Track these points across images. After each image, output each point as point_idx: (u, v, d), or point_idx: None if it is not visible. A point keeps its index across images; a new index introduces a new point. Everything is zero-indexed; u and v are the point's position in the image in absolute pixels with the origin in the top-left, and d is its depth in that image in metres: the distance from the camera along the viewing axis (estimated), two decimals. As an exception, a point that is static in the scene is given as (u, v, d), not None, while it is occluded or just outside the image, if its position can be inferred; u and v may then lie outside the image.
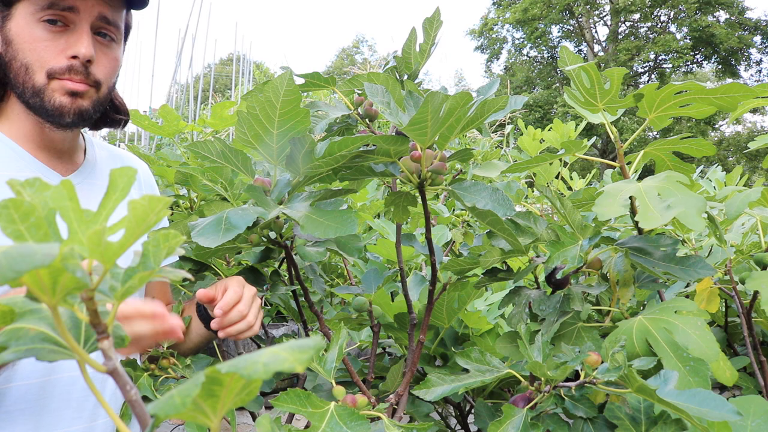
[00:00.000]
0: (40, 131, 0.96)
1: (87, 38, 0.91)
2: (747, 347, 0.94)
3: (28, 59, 0.90)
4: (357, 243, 0.93)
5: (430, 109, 0.70)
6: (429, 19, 1.02)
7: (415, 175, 0.83)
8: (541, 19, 23.63)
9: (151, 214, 0.32)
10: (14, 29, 0.90)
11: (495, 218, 0.77)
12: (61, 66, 0.90)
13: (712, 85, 0.83)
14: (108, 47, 0.96)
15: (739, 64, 22.84)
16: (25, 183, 0.33)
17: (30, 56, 0.90)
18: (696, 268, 0.79)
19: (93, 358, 0.35)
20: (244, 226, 0.75)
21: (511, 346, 0.92)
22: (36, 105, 0.91)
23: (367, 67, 9.65)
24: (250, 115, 0.82)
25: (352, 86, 1.04)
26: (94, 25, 0.93)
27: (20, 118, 0.95)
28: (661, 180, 0.77)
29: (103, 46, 0.95)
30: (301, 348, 0.27)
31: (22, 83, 0.91)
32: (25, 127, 0.95)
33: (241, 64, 11.16)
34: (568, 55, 0.89)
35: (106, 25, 0.94)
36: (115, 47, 0.97)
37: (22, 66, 0.90)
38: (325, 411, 0.64)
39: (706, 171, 2.02)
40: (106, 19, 0.93)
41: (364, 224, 1.85)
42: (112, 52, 0.97)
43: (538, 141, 2.07)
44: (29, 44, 0.89)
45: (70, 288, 0.31)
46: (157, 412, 0.27)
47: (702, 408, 0.60)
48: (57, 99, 0.91)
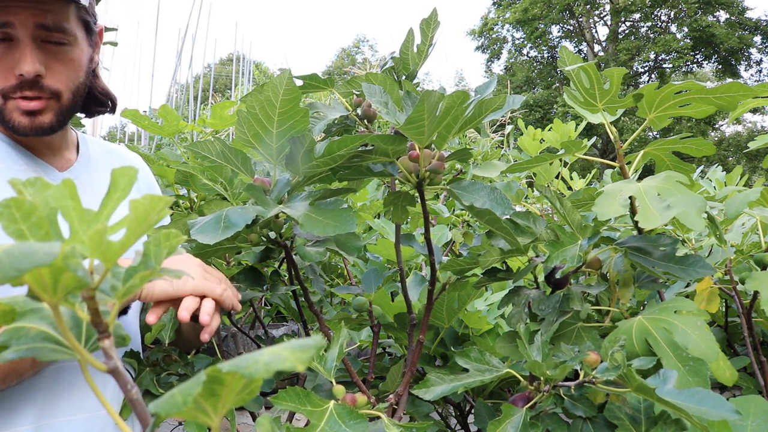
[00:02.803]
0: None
1: (29, 53, 0.85)
2: (747, 347, 0.94)
3: None
4: (357, 242, 0.93)
5: (426, 108, 0.70)
6: (426, 19, 1.02)
7: (413, 175, 0.83)
8: (541, 19, 23.63)
9: (153, 214, 0.33)
10: None
11: (493, 217, 0.77)
12: (11, 85, 0.86)
13: (712, 85, 0.83)
14: (61, 52, 0.90)
15: (739, 64, 22.85)
16: (26, 182, 0.33)
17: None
18: (696, 267, 0.79)
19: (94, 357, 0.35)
20: (243, 224, 0.75)
21: (510, 345, 0.92)
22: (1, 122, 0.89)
23: (368, 66, 9.65)
24: (249, 114, 0.82)
25: (351, 88, 1.04)
26: (36, 35, 0.86)
27: None
28: (661, 180, 0.77)
29: (55, 53, 0.89)
30: (302, 347, 0.27)
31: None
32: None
33: (241, 64, 11.17)
34: (568, 55, 0.89)
35: (48, 33, 0.87)
36: (69, 50, 0.91)
37: None
38: (325, 409, 0.64)
39: (706, 171, 2.02)
40: (45, 26, 0.87)
41: (364, 224, 1.85)
42: (68, 55, 0.91)
43: (538, 141, 2.07)
44: None
45: (72, 287, 0.31)
46: (159, 411, 0.27)
47: (701, 407, 0.60)
48: (16, 119, 0.88)
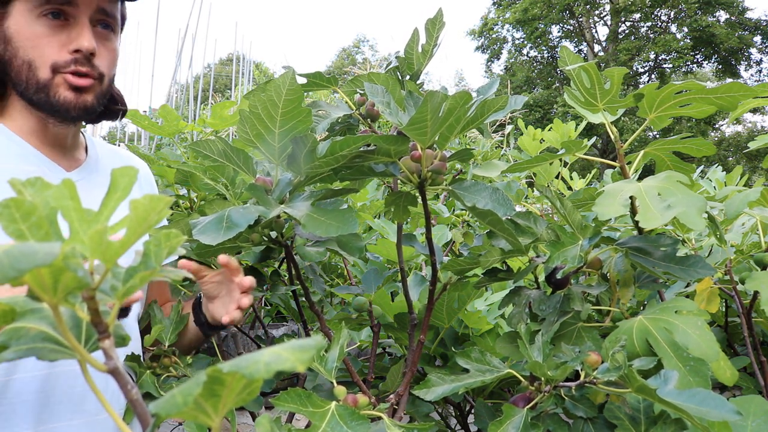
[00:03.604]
0: (43, 127, 0.96)
1: (88, 31, 0.91)
2: (747, 347, 0.94)
3: (31, 56, 0.90)
4: (358, 242, 0.93)
5: (430, 109, 0.70)
6: (432, 20, 1.02)
7: (415, 175, 0.83)
8: (541, 19, 23.63)
9: (153, 214, 0.32)
10: (13, 27, 0.90)
11: (495, 218, 0.77)
12: (65, 60, 0.90)
13: (712, 85, 0.83)
14: (108, 39, 0.96)
15: (740, 64, 22.84)
16: (26, 182, 0.33)
17: (32, 53, 0.90)
18: (696, 267, 0.79)
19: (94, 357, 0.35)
20: (246, 224, 0.75)
21: (511, 346, 0.92)
22: (41, 101, 0.92)
23: (368, 66, 9.65)
24: (252, 113, 0.82)
25: (354, 87, 1.04)
26: (93, 18, 0.93)
27: (23, 115, 0.95)
28: (661, 180, 0.77)
29: (103, 38, 0.95)
30: (303, 347, 0.27)
31: (25, 80, 0.91)
32: (28, 123, 0.95)
33: (241, 64, 11.17)
34: (568, 55, 0.89)
35: (105, 17, 0.94)
36: (113, 38, 0.98)
37: (24, 63, 0.90)
38: (326, 410, 0.64)
39: (706, 171, 2.02)
40: (104, 11, 0.94)
41: (365, 224, 1.85)
42: (111, 43, 0.97)
43: (538, 141, 2.07)
44: (30, 41, 0.90)
45: (72, 287, 0.31)
46: (159, 411, 0.27)
47: (702, 407, 0.60)
48: (62, 94, 0.91)
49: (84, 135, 1.08)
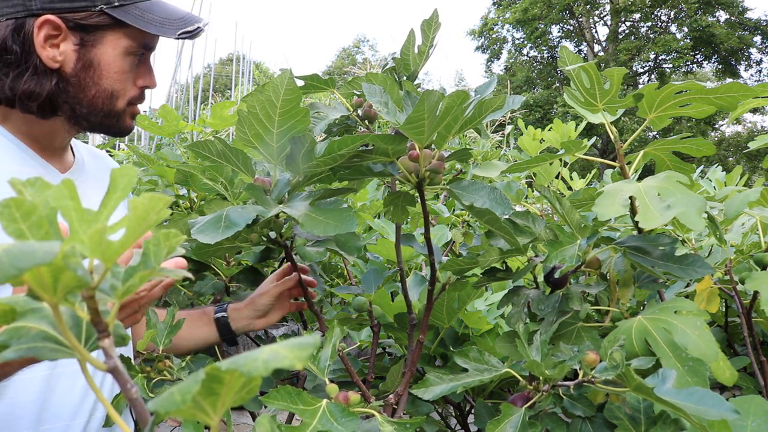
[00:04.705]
0: (47, 132, 0.97)
1: (152, 70, 1.03)
2: (747, 347, 0.94)
3: (116, 87, 0.96)
4: (357, 242, 0.94)
5: (426, 108, 0.70)
6: (427, 21, 1.02)
7: (413, 175, 0.83)
8: (541, 19, 23.63)
9: (152, 213, 0.33)
10: (103, 57, 0.94)
11: (493, 217, 0.77)
12: (137, 94, 1.00)
13: (712, 85, 0.83)
14: None
15: (739, 64, 22.84)
16: (26, 182, 0.33)
17: (117, 85, 0.96)
18: (695, 266, 0.79)
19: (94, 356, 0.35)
20: (244, 223, 0.75)
21: (510, 345, 0.92)
22: (105, 124, 0.99)
23: (368, 66, 9.65)
24: (250, 114, 0.82)
25: (352, 88, 1.04)
26: None
27: (25, 121, 0.96)
28: (661, 180, 0.77)
29: None
30: (301, 345, 0.27)
31: (100, 107, 0.96)
32: (27, 126, 0.96)
33: (241, 64, 11.17)
34: (568, 55, 0.89)
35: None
36: None
37: (105, 92, 0.95)
38: (317, 408, 0.64)
39: (706, 171, 2.01)
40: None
41: (364, 224, 1.85)
42: None
43: (538, 141, 2.07)
44: (118, 74, 0.96)
45: (71, 286, 0.32)
46: (158, 409, 0.27)
47: (699, 406, 0.60)
48: (127, 122, 1.01)
49: None
